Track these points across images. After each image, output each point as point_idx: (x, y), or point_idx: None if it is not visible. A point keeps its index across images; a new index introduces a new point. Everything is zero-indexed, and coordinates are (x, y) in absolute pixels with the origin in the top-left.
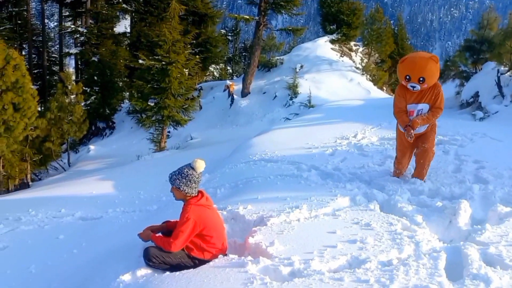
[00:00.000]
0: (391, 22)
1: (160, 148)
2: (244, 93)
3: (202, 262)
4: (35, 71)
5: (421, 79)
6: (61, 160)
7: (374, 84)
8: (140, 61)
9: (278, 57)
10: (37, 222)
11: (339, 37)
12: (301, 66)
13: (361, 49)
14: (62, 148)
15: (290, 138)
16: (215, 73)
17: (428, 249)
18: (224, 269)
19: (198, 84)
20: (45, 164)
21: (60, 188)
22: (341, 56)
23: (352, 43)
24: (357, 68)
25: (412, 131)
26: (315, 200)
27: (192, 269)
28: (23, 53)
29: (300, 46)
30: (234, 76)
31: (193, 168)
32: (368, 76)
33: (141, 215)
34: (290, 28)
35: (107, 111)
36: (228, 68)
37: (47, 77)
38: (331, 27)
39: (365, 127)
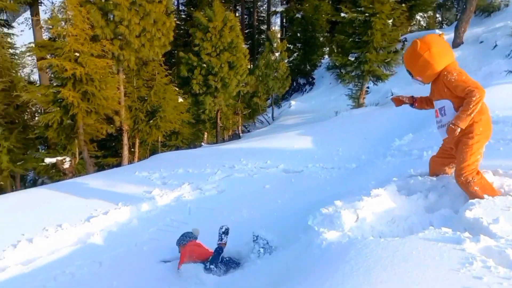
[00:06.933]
0: None
1: (359, 104)
2: (456, 43)
3: None
4: (246, 31)
5: (408, 71)
6: (266, 114)
7: None
8: (342, 14)
9: None
10: (248, 171)
11: None
12: None
13: None
14: (267, 103)
15: None
16: (422, 22)
17: None
18: (436, 243)
19: (402, 35)
20: (253, 118)
21: (266, 141)
22: None
23: None
24: None
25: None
26: None
27: (399, 238)
28: (237, 14)
29: None
30: (444, 25)
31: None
32: None
33: (340, 172)
34: None
35: (308, 67)
36: (437, 16)
37: (256, 36)
38: None
39: None
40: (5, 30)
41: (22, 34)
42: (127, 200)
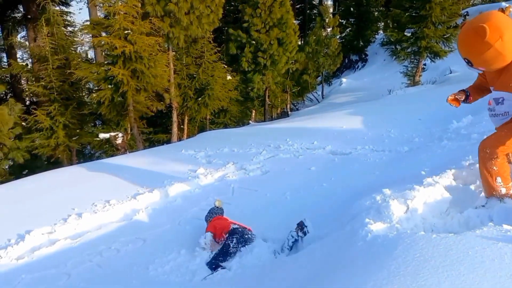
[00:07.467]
0: None
1: (414, 82)
2: None
3: None
4: (297, 6)
5: (466, 60)
6: (316, 92)
7: None
8: None
9: None
10: (293, 151)
11: None
12: None
13: None
14: (317, 81)
15: None
16: None
17: None
18: (496, 243)
19: (463, 9)
20: (302, 96)
21: (313, 120)
22: None
23: None
24: None
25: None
26: None
27: (453, 235)
28: None
29: None
30: None
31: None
32: None
33: (390, 156)
34: None
35: (361, 43)
36: None
37: (307, 11)
38: None
39: None
40: (64, 8)
41: (80, 12)
42: (172, 178)
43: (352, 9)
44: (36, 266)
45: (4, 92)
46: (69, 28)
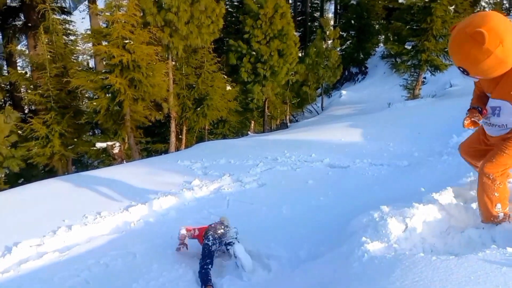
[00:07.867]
0: None
1: (414, 95)
2: None
3: None
4: (299, 18)
5: (461, 69)
6: (315, 104)
7: None
8: (400, 0)
9: None
10: (291, 164)
11: None
12: None
13: None
14: (317, 93)
15: None
16: (487, 9)
17: None
18: (500, 268)
19: None
20: (302, 107)
21: (312, 132)
22: None
23: None
24: None
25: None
26: None
27: (454, 257)
28: (290, 1)
29: None
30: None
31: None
32: None
33: (389, 170)
34: None
35: (361, 56)
36: (505, 1)
37: (308, 23)
38: None
39: None
40: (66, 17)
41: (83, 22)
42: (167, 190)
43: (353, 21)
44: (22, 280)
45: (2, 100)
46: (71, 37)
